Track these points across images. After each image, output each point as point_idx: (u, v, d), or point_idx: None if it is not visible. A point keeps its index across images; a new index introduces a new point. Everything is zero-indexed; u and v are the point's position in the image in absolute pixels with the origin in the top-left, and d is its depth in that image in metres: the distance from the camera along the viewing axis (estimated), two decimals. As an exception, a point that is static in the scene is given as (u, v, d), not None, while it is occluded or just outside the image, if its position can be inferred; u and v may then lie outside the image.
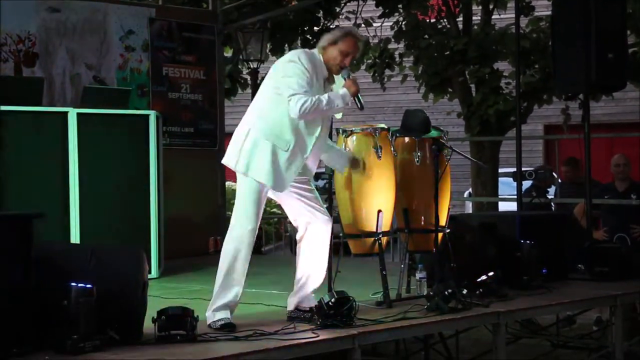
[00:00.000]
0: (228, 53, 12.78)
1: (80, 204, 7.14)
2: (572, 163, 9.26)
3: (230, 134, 5.38)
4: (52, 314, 4.28)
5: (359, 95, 5.24)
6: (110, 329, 4.35)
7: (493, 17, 12.41)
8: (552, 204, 9.05)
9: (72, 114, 7.22)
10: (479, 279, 5.87)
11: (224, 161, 5.30)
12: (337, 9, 12.83)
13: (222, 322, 4.93)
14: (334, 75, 5.32)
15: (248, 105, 5.39)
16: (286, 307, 5.56)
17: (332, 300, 4.92)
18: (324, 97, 5.11)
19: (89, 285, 4.26)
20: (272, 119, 5.13)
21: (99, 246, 5.12)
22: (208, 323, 4.98)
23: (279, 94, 5.11)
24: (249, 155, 5.12)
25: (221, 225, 10.20)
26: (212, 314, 5.02)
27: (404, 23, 12.49)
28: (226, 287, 5.05)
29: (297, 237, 5.33)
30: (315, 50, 5.31)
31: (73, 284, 4.23)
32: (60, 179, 7.13)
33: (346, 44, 5.24)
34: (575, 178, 9.12)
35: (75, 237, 7.08)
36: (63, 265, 4.52)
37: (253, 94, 12.51)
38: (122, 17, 9.40)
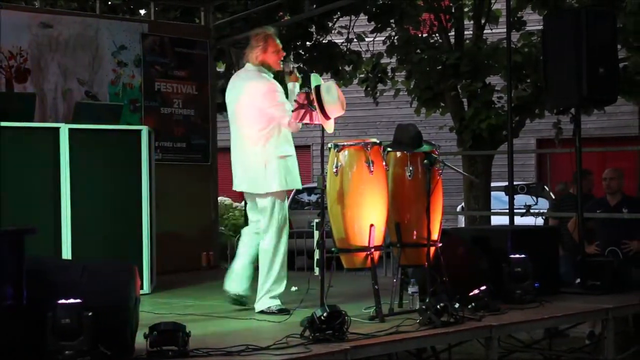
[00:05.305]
0: (221, 68, 12.80)
1: (72, 220, 7.12)
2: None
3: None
4: (43, 330, 4.27)
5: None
6: (101, 344, 4.34)
7: (485, 31, 12.44)
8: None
9: (64, 129, 7.21)
10: (471, 293, 5.87)
11: (250, 190, 6.22)
12: (330, 24, 12.86)
13: (278, 307, 6.00)
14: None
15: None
16: (279, 322, 5.59)
17: (325, 314, 4.91)
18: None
19: (78, 301, 4.25)
20: (276, 137, 6.10)
21: (90, 262, 5.11)
22: (261, 309, 6.00)
23: (273, 116, 6.09)
24: (279, 172, 6.09)
25: (214, 240, 10.20)
26: (269, 300, 6.04)
27: (396, 38, 12.52)
28: (279, 279, 6.07)
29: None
30: (253, 69, 6.24)
31: (62, 300, 4.23)
32: (52, 195, 7.11)
33: (272, 44, 6.25)
34: (587, 190, 9.03)
35: (66, 253, 7.06)
36: (55, 281, 4.51)
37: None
38: (115, 32, 9.42)
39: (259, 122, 6.10)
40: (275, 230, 6.11)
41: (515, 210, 8.16)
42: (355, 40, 13.04)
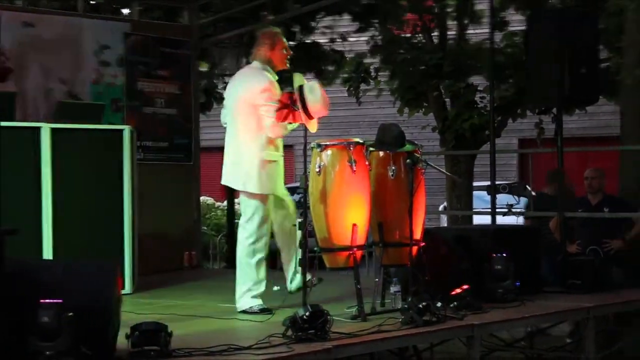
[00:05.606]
0: (204, 67, 12.77)
1: (53, 219, 7.09)
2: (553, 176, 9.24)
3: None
4: (24, 331, 4.25)
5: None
6: (83, 345, 4.32)
7: (468, 32, 12.48)
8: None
9: (45, 129, 7.18)
10: (453, 292, 5.88)
11: (234, 186, 6.25)
12: (313, 24, 12.86)
13: (260, 306, 5.96)
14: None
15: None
16: (261, 321, 5.59)
17: (307, 314, 4.92)
18: None
19: (59, 301, 4.23)
20: (267, 141, 6.08)
21: (71, 261, 5.10)
22: (243, 309, 5.97)
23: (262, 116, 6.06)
24: (262, 175, 6.09)
25: (196, 240, 10.17)
26: (251, 300, 5.99)
27: (379, 38, 12.53)
28: (259, 278, 6.07)
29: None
30: (259, 66, 6.26)
31: (42, 300, 4.21)
32: (33, 195, 7.08)
33: (280, 42, 6.31)
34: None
35: (47, 253, 7.03)
36: (35, 281, 4.49)
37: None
38: (97, 31, 9.36)
39: (254, 119, 6.08)
40: (254, 228, 6.11)
41: (497, 210, 8.19)
42: (338, 40, 13.05)
